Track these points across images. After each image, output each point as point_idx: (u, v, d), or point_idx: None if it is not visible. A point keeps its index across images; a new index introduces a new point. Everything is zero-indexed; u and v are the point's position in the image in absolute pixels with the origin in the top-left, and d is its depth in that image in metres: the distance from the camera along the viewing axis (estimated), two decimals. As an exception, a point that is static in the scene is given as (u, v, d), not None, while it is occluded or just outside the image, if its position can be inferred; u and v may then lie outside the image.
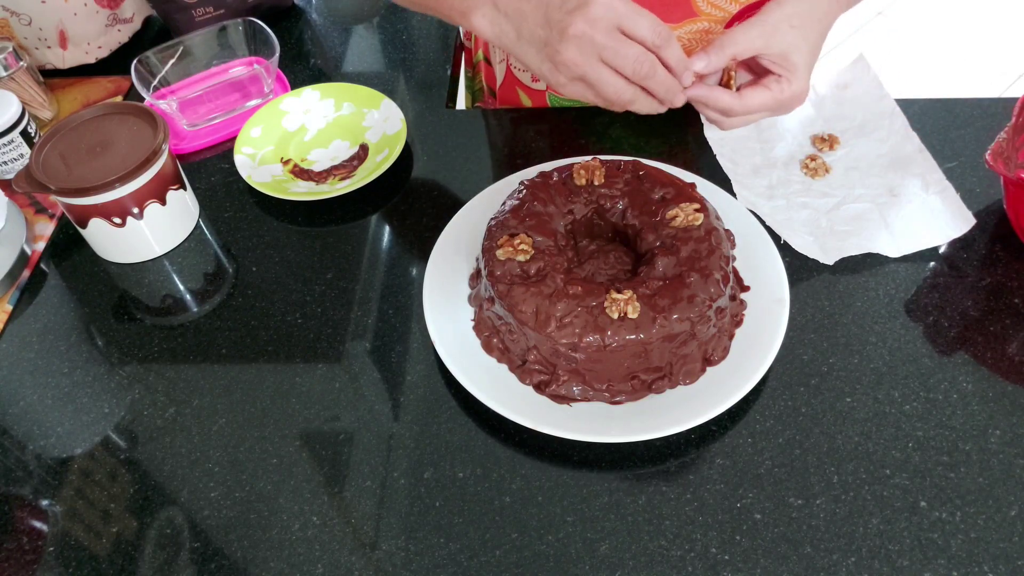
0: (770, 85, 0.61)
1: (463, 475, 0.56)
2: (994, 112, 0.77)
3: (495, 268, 0.59)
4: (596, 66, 0.53)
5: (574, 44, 0.53)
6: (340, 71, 0.92)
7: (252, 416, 0.60)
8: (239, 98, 0.87)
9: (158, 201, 0.69)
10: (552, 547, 0.52)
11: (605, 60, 0.53)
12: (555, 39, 0.54)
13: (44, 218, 0.77)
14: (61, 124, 0.70)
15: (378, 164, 0.75)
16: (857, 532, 0.51)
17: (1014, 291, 0.63)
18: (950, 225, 0.67)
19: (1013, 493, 0.53)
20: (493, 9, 0.57)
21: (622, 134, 0.79)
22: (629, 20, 0.53)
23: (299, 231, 0.73)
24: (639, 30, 0.53)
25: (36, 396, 0.63)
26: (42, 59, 0.91)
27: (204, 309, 0.68)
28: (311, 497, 0.55)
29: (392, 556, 0.52)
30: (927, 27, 2.28)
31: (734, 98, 0.61)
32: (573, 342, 0.55)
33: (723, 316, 0.58)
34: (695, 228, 0.60)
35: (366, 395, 0.61)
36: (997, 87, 2.08)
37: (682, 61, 0.55)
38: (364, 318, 0.66)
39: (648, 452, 0.56)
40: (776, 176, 0.73)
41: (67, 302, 0.70)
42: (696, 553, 0.51)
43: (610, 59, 0.53)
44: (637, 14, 0.53)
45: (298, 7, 1.01)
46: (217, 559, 0.53)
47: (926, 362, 0.60)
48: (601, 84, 0.54)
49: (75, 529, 0.55)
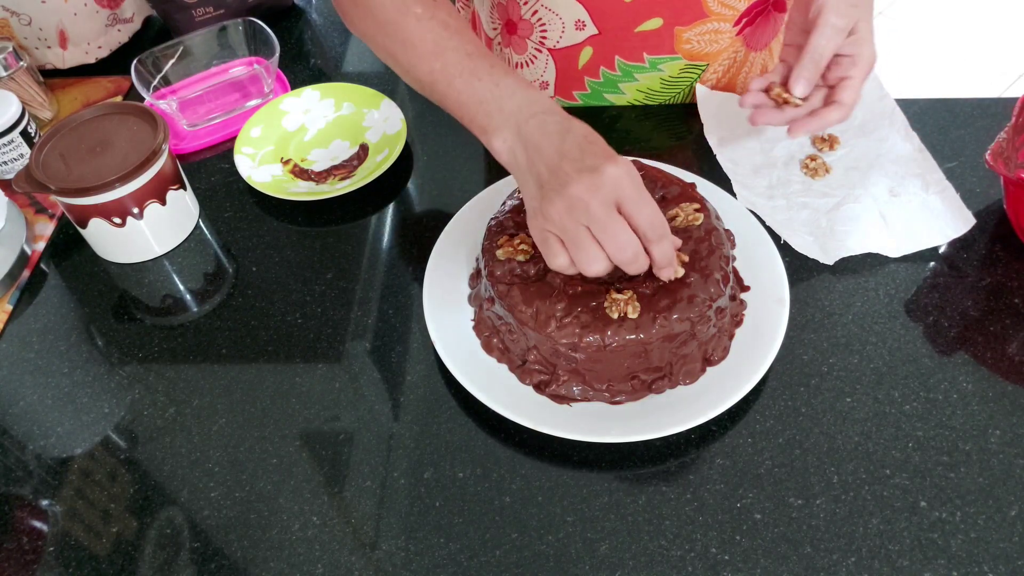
0: (850, 70, 0.63)
1: (463, 475, 0.56)
2: (994, 112, 0.77)
3: (495, 268, 0.59)
4: (579, 231, 0.51)
5: (567, 203, 0.51)
6: (340, 71, 0.92)
7: (252, 416, 0.60)
8: (239, 98, 0.87)
9: (158, 201, 0.69)
10: (552, 547, 0.52)
11: (592, 231, 0.51)
12: (554, 189, 0.52)
13: (44, 218, 0.77)
14: (61, 124, 0.70)
15: (378, 164, 0.75)
16: (857, 532, 0.51)
17: (1014, 291, 0.63)
18: (950, 225, 0.67)
19: (1013, 493, 0.53)
20: (515, 136, 0.55)
21: (621, 134, 0.79)
22: (631, 204, 0.51)
23: (299, 231, 0.73)
24: (637, 218, 0.51)
25: (36, 396, 0.63)
26: (42, 59, 0.91)
27: (204, 309, 0.68)
28: (311, 497, 0.55)
29: (392, 556, 0.52)
30: (927, 27, 2.28)
31: (839, 109, 0.63)
32: (573, 342, 0.55)
33: (723, 316, 0.58)
34: (695, 228, 0.60)
35: (366, 395, 0.61)
36: (997, 87, 2.08)
37: (666, 257, 0.54)
38: (364, 318, 0.66)
39: (648, 452, 0.56)
40: (776, 176, 0.73)
41: (67, 302, 0.70)
42: (696, 553, 0.51)
43: (597, 232, 0.51)
44: (640, 201, 0.51)
45: (298, 7, 1.01)
46: (217, 559, 0.53)
47: (926, 362, 0.60)
48: (577, 248, 0.52)
49: (75, 529, 0.55)
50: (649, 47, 0.77)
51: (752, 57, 0.82)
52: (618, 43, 0.78)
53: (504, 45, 0.84)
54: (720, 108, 0.78)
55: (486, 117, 0.57)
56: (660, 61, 0.79)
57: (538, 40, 0.80)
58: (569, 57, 0.80)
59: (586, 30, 0.77)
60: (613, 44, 0.78)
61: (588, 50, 0.79)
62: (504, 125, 0.56)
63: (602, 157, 0.51)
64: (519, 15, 0.79)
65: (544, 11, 0.77)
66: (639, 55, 0.78)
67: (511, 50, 0.84)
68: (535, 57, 0.82)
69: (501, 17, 0.82)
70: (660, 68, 0.79)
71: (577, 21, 0.76)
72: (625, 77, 0.81)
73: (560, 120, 0.54)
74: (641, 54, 0.78)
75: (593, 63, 0.80)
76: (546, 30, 0.79)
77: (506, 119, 0.56)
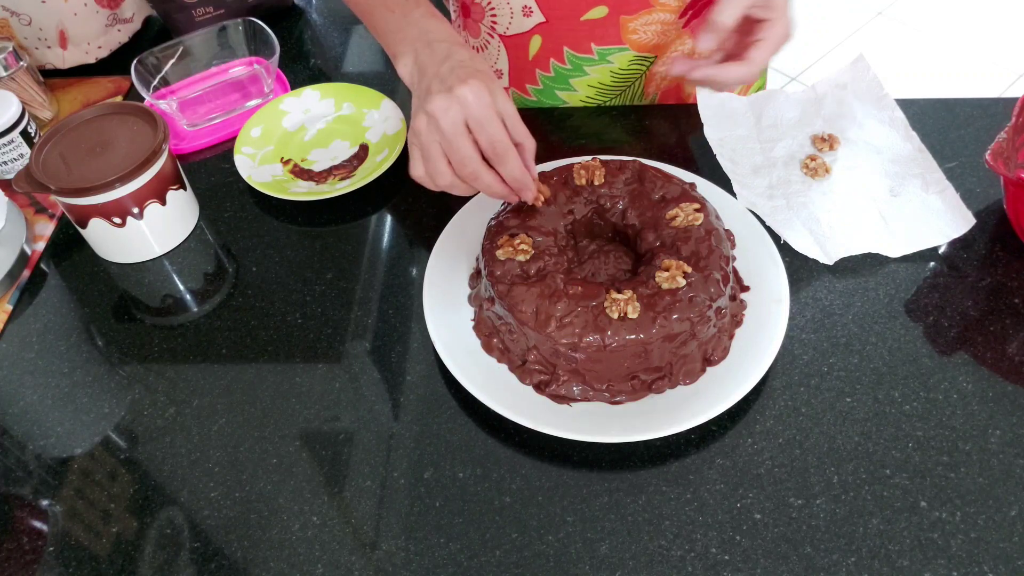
0: (763, 34, 0.65)
1: (463, 475, 0.56)
2: (994, 112, 0.77)
3: (495, 268, 0.59)
4: (432, 144, 0.57)
5: (426, 117, 0.56)
6: (340, 71, 0.92)
7: (252, 416, 0.60)
8: (239, 98, 0.87)
9: (158, 201, 0.69)
10: (552, 547, 0.52)
11: (441, 145, 0.57)
12: (420, 105, 0.58)
13: (44, 218, 0.77)
14: (61, 124, 0.70)
15: (378, 164, 0.75)
16: (857, 532, 0.51)
17: (1014, 291, 0.63)
18: (950, 225, 0.67)
19: (1013, 493, 0.53)
20: (413, 60, 0.61)
21: (622, 134, 0.79)
22: (473, 123, 0.56)
23: (299, 231, 0.73)
24: (478, 137, 0.56)
25: (36, 396, 0.63)
26: (42, 59, 0.91)
27: (204, 309, 0.68)
28: (311, 497, 0.55)
29: (392, 556, 0.52)
30: (927, 27, 2.28)
31: (744, 65, 0.65)
32: (573, 342, 0.55)
33: (723, 316, 0.58)
34: (695, 228, 0.60)
35: (366, 395, 0.61)
36: (997, 87, 2.08)
37: (515, 179, 0.58)
38: (364, 318, 0.66)
39: (648, 452, 0.56)
40: (776, 176, 0.73)
41: (67, 302, 0.70)
42: (696, 553, 0.51)
43: (444, 147, 0.57)
44: (483, 121, 0.55)
45: (298, 7, 1.01)
46: (217, 559, 0.53)
47: (926, 362, 0.60)
48: (428, 159, 0.58)
49: (75, 529, 0.55)
50: (596, 37, 0.78)
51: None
52: (565, 32, 0.78)
53: (462, 28, 0.85)
54: (720, 108, 0.78)
55: (394, 45, 0.63)
56: (608, 52, 0.79)
57: (489, 25, 0.81)
58: (519, 46, 0.81)
59: (533, 17, 0.78)
60: (560, 33, 0.78)
61: (537, 39, 0.79)
62: (406, 52, 0.62)
63: (461, 78, 0.56)
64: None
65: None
66: (587, 46, 0.79)
67: (467, 33, 0.85)
68: (488, 42, 0.83)
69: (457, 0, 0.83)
70: (609, 60, 0.80)
71: (524, 7, 0.77)
72: (575, 71, 0.81)
73: (448, 47, 0.59)
74: (589, 44, 0.79)
75: (543, 54, 0.80)
76: (496, 15, 0.79)
77: (408, 47, 0.61)
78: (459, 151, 0.56)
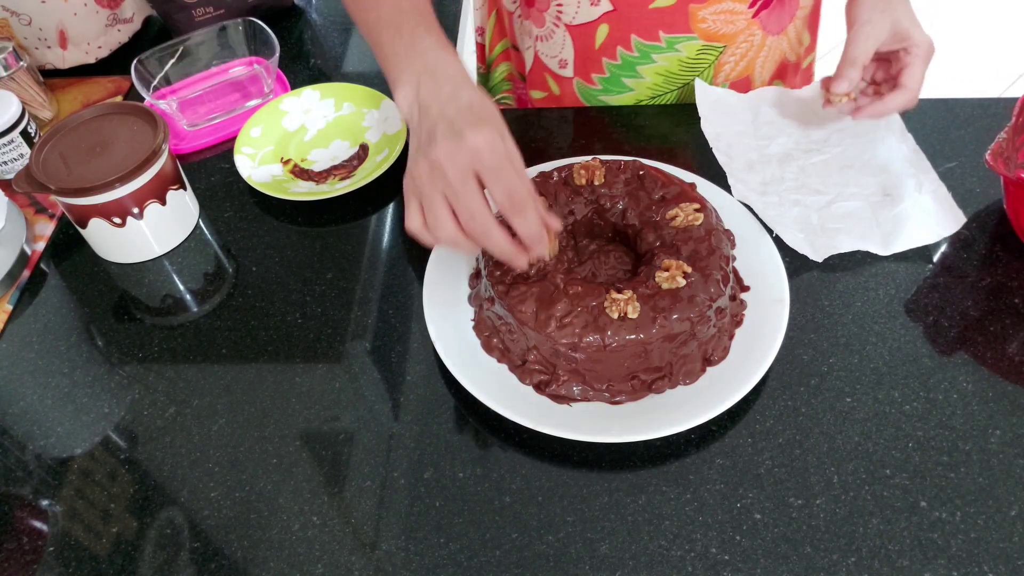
0: (909, 59, 0.68)
1: (463, 475, 0.56)
2: (994, 112, 0.77)
3: (495, 268, 0.59)
4: (435, 195, 0.52)
5: (429, 165, 0.52)
6: (340, 71, 0.92)
7: (252, 416, 0.60)
8: (239, 98, 0.87)
9: (158, 201, 0.69)
10: (552, 547, 0.52)
11: (446, 196, 0.52)
12: (422, 149, 0.53)
13: (44, 218, 0.77)
14: (61, 124, 0.70)
15: (378, 164, 0.75)
16: (857, 532, 0.51)
17: (1014, 291, 0.63)
18: (940, 224, 0.67)
19: (1013, 493, 0.53)
20: (414, 93, 0.56)
21: (622, 134, 0.79)
22: (487, 175, 0.51)
23: (299, 231, 0.73)
24: (492, 190, 0.51)
25: (36, 396, 0.63)
26: (42, 59, 0.91)
27: (204, 309, 0.68)
28: (311, 497, 0.55)
29: (392, 556, 0.52)
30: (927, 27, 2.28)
31: (903, 93, 0.68)
32: (573, 342, 0.55)
33: (723, 316, 0.58)
34: (695, 228, 0.60)
35: (366, 395, 0.61)
36: (997, 87, 2.08)
37: (531, 236, 0.53)
38: (364, 318, 0.66)
39: (648, 452, 0.56)
40: (770, 173, 0.73)
41: (67, 302, 0.70)
42: (696, 553, 0.51)
43: (450, 198, 0.51)
44: (498, 172, 0.51)
45: (298, 7, 1.01)
46: (217, 559, 0.53)
47: (926, 362, 0.60)
48: (430, 210, 0.52)
49: (75, 529, 0.55)
50: (665, 25, 0.78)
51: (769, 42, 0.82)
52: (633, 20, 0.78)
53: (524, 18, 0.84)
54: (717, 103, 0.78)
55: (396, 73, 0.58)
56: (677, 40, 0.79)
57: (555, 15, 0.80)
58: (586, 35, 0.80)
59: (601, 5, 0.77)
60: (628, 21, 0.78)
61: (604, 27, 0.79)
62: (408, 81, 0.57)
63: (471, 124, 0.51)
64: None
65: None
66: (655, 34, 0.78)
67: (531, 23, 0.84)
68: (553, 32, 0.82)
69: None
70: (677, 48, 0.79)
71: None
72: (643, 59, 0.80)
73: (454, 85, 0.55)
74: (657, 32, 0.78)
75: (610, 42, 0.80)
76: (562, 5, 0.79)
77: (410, 76, 0.57)
78: (468, 204, 0.51)
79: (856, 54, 0.68)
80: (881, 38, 0.69)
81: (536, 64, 0.87)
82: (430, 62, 0.57)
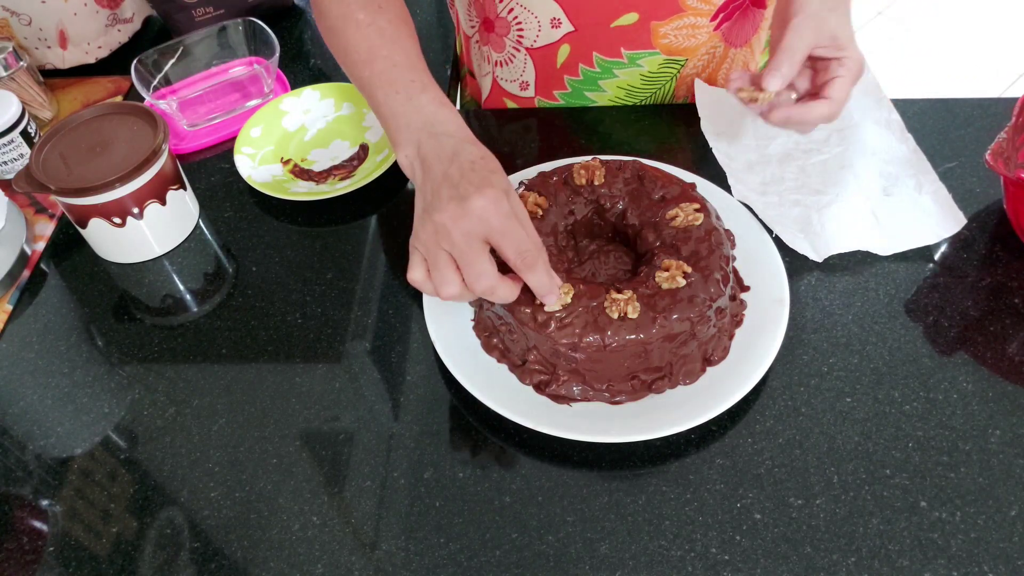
0: (839, 71, 0.62)
1: (463, 475, 0.56)
2: (994, 112, 0.77)
3: (495, 268, 0.59)
4: (440, 254, 0.52)
5: (434, 228, 0.52)
6: (340, 71, 0.92)
7: (252, 416, 0.60)
8: (239, 98, 0.87)
9: (158, 201, 0.69)
10: (552, 547, 0.52)
11: (452, 257, 0.52)
12: (428, 212, 0.53)
13: (44, 218, 0.77)
14: (61, 124, 0.70)
15: (378, 164, 0.75)
16: (857, 532, 0.51)
17: (1014, 291, 0.63)
18: (941, 224, 0.67)
19: (1013, 493, 0.53)
20: (415, 153, 0.56)
21: (622, 134, 0.79)
22: (496, 236, 0.51)
23: (299, 231, 0.73)
24: (503, 250, 0.52)
25: (36, 396, 0.63)
26: (42, 59, 0.91)
27: (204, 309, 0.68)
28: (311, 497, 0.55)
29: (392, 556, 0.52)
30: (927, 27, 2.28)
31: (827, 104, 0.62)
32: (573, 342, 0.55)
33: (723, 316, 0.58)
34: (695, 228, 0.60)
35: (366, 395, 0.61)
36: (997, 87, 2.08)
37: (543, 289, 0.53)
38: (364, 318, 0.66)
39: (648, 452, 0.56)
40: (770, 173, 0.73)
41: (67, 302, 0.70)
42: (696, 553, 0.51)
43: (457, 259, 0.52)
44: (506, 232, 0.51)
45: (298, 7, 1.01)
46: (217, 559, 0.53)
47: (926, 362, 0.60)
48: (435, 269, 0.53)
49: (75, 529, 0.55)
50: (626, 42, 0.77)
51: (732, 53, 0.82)
52: (595, 39, 0.78)
53: (483, 43, 0.84)
54: (717, 102, 0.78)
55: (396, 131, 0.59)
56: (638, 56, 0.79)
57: (515, 39, 0.80)
58: (547, 56, 0.80)
59: (562, 27, 0.77)
60: (590, 40, 0.78)
61: (565, 48, 0.79)
62: (408, 141, 0.57)
63: (476, 186, 0.51)
64: (495, 13, 0.79)
65: (520, 9, 0.77)
66: (616, 51, 0.78)
67: (489, 48, 0.84)
68: (513, 56, 0.82)
69: (479, 15, 0.82)
70: (639, 64, 0.79)
71: (553, 19, 0.76)
72: (604, 74, 0.81)
73: (456, 143, 0.55)
74: (619, 49, 0.78)
75: (571, 60, 0.80)
76: (522, 29, 0.79)
77: (410, 135, 0.57)
78: (474, 266, 0.51)
79: (795, 45, 0.61)
80: (822, 36, 0.61)
81: (494, 90, 0.87)
82: (429, 119, 0.57)
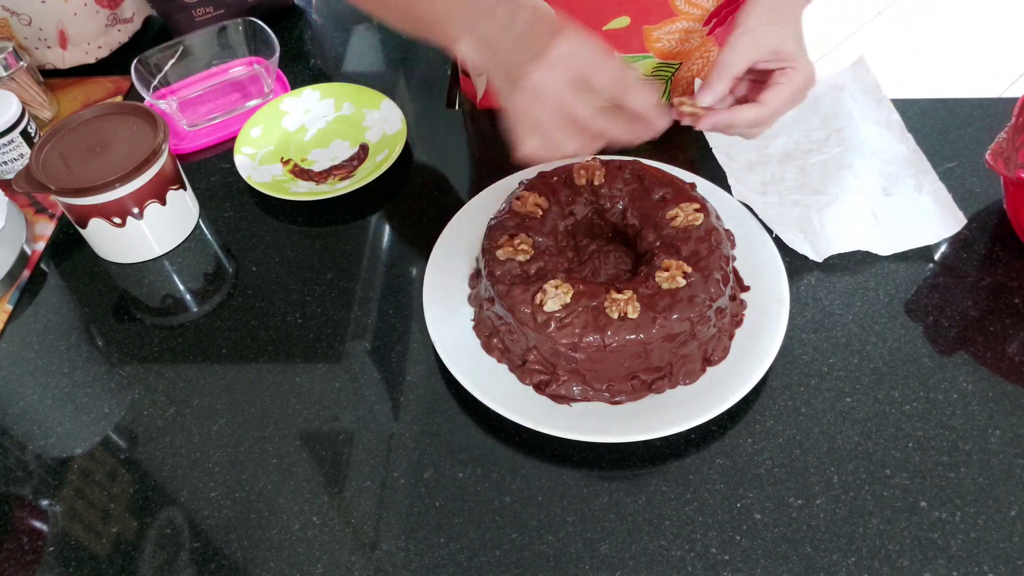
0: (780, 80, 0.61)
1: (463, 475, 0.56)
2: (994, 112, 0.77)
3: (495, 268, 0.59)
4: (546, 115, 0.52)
5: (530, 93, 0.52)
6: (340, 71, 0.92)
7: (252, 416, 0.60)
8: (239, 98, 0.87)
9: (158, 201, 0.69)
10: (552, 547, 0.52)
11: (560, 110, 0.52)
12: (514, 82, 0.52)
13: (44, 218, 0.77)
14: (61, 124, 0.70)
15: (378, 164, 0.75)
16: (857, 532, 0.51)
17: (1014, 291, 0.63)
18: (941, 225, 0.67)
19: (1013, 493, 0.53)
20: (474, 38, 0.55)
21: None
22: (590, 73, 0.51)
23: (299, 231, 0.73)
24: (600, 82, 0.52)
25: (36, 396, 0.63)
26: (42, 59, 0.91)
27: (204, 309, 0.68)
28: (311, 497, 0.55)
29: (392, 556, 0.52)
30: (927, 27, 2.28)
31: (757, 108, 0.60)
32: (573, 342, 0.55)
33: (723, 316, 0.58)
34: (695, 228, 0.60)
35: (366, 395, 0.61)
36: (997, 87, 2.08)
37: (645, 105, 0.53)
38: (364, 318, 0.66)
39: (648, 452, 0.56)
40: (770, 173, 0.73)
41: (67, 302, 0.70)
42: (696, 553, 0.51)
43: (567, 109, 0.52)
44: (597, 65, 0.51)
45: (298, 7, 1.01)
46: (217, 559, 0.53)
47: (926, 362, 0.60)
48: (548, 132, 0.53)
49: (75, 529, 0.55)
50: (619, 45, 0.77)
51: None
52: None
53: None
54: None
55: (446, 28, 0.57)
56: (632, 60, 0.79)
57: None
58: None
59: None
60: None
61: None
62: (463, 31, 0.56)
63: (547, 37, 0.51)
64: None
65: None
66: None
67: None
68: None
69: None
70: (632, 67, 0.79)
71: None
72: None
73: (508, 8, 0.54)
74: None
75: None
76: None
77: (462, 24, 0.56)
78: (582, 109, 0.51)
79: (731, 60, 0.60)
80: (762, 51, 0.60)
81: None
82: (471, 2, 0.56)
